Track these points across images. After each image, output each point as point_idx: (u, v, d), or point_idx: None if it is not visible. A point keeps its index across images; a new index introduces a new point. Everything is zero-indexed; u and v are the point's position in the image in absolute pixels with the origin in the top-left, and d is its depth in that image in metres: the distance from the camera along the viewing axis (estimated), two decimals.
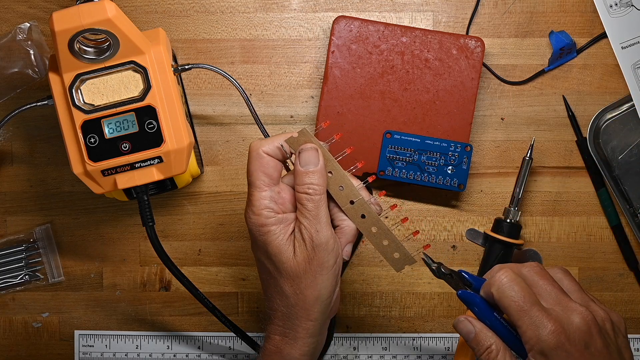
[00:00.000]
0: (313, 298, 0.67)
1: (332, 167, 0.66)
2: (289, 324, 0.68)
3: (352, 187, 0.67)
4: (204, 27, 0.84)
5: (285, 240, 0.67)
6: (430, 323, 0.84)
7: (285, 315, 0.68)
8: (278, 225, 0.67)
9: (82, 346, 0.85)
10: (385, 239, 0.68)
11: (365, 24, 0.80)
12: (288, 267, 0.67)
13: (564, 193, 0.84)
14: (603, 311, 0.63)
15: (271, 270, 0.68)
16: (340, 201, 0.67)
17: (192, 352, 0.85)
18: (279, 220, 0.67)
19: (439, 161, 0.80)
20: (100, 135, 0.71)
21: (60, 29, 0.67)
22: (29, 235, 0.84)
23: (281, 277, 0.67)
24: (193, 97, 0.84)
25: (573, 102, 0.83)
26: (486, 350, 0.64)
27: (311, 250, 0.66)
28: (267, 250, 0.67)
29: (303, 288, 0.67)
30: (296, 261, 0.66)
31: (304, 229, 0.66)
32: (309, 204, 0.66)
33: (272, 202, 0.67)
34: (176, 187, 0.79)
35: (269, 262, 0.68)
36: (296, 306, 0.67)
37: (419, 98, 0.81)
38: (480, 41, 0.80)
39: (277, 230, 0.67)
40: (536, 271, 0.64)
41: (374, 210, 0.68)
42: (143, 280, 0.85)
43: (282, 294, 0.68)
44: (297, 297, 0.67)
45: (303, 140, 0.66)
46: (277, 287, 0.68)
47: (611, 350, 0.61)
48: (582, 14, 0.83)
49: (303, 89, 0.84)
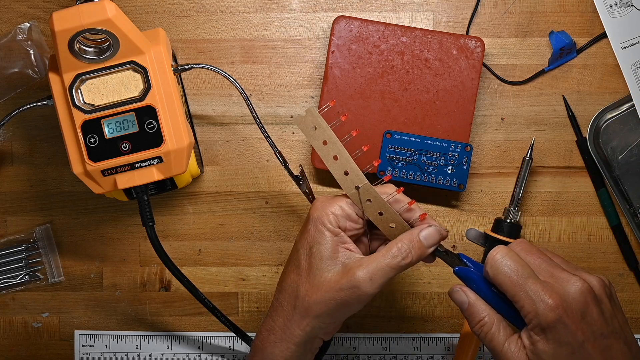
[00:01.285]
0: (315, 313, 0.67)
1: (337, 151, 0.65)
2: (281, 322, 0.68)
3: (358, 172, 0.66)
4: (204, 27, 0.84)
5: (330, 252, 0.66)
6: (430, 323, 0.84)
7: (285, 312, 0.68)
8: (333, 236, 0.67)
9: (82, 346, 0.85)
10: (392, 221, 0.68)
11: (365, 24, 0.80)
12: (317, 276, 0.66)
13: (564, 193, 0.84)
14: (594, 278, 0.63)
15: (302, 266, 0.67)
16: (345, 186, 0.67)
17: (192, 352, 0.85)
18: (337, 232, 0.67)
19: (439, 161, 0.80)
20: (100, 135, 0.71)
21: (60, 29, 0.67)
22: (29, 235, 0.84)
23: (304, 278, 0.67)
24: (193, 97, 0.84)
25: (573, 102, 0.83)
26: (479, 322, 0.64)
27: (347, 284, 0.65)
28: (312, 248, 0.67)
29: (314, 300, 0.66)
30: (326, 277, 0.66)
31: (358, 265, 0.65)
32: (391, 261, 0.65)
33: (344, 218, 0.67)
34: (176, 187, 0.79)
35: (305, 258, 0.67)
36: (298, 309, 0.67)
37: (419, 98, 0.81)
38: (480, 41, 0.80)
39: (330, 240, 0.66)
40: (523, 247, 0.65)
41: (379, 195, 0.67)
42: (143, 280, 0.85)
43: (295, 292, 0.67)
44: (304, 303, 0.67)
45: (310, 120, 0.65)
46: (295, 283, 0.68)
47: (606, 317, 0.62)
48: (582, 14, 0.83)
49: (303, 89, 0.84)
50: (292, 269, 0.69)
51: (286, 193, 0.84)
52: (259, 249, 0.84)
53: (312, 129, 0.64)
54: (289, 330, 0.68)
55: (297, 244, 0.69)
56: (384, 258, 0.65)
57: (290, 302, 0.68)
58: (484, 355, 0.84)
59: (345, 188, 0.66)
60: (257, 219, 0.84)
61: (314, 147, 0.64)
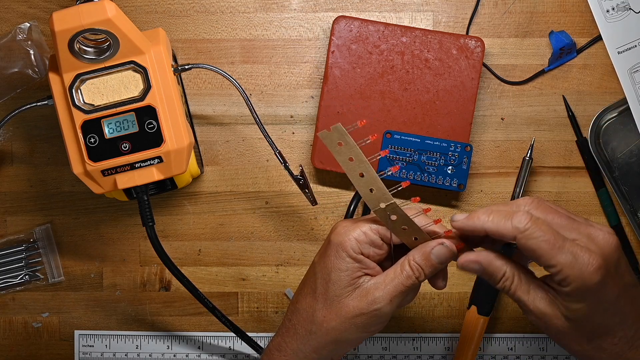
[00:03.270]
0: (334, 339, 0.66)
1: (364, 168, 0.63)
2: (295, 345, 0.67)
3: (385, 191, 0.64)
4: (204, 27, 0.84)
5: (350, 278, 0.65)
6: (430, 323, 0.84)
7: (299, 336, 0.67)
8: (354, 263, 0.65)
9: (82, 346, 0.85)
10: (416, 236, 0.66)
11: (365, 24, 0.80)
12: (336, 302, 0.65)
13: (564, 193, 0.84)
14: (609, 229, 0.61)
15: (319, 291, 0.66)
16: (371, 203, 0.65)
17: (192, 352, 0.85)
18: (359, 259, 0.65)
19: (439, 161, 0.80)
20: (100, 135, 0.71)
21: (60, 29, 0.67)
22: (29, 235, 0.84)
23: (322, 304, 0.66)
24: (193, 97, 0.84)
25: (573, 102, 0.83)
26: (501, 279, 0.62)
27: (366, 308, 0.64)
28: (331, 274, 0.65)
29: (333, 327, 0.65)
30: (345, 303, 0.65)
31: (375, 287, 0.64)
32: (406, 281, 0.64)
33: (368, 244, 0.65)
34: (176, 187, 0.79)
35: (322, 283, 0.66)
36: (315, 334, 0.66)
37: (419, 98, 0.81)
38: (480, 41, 0.80)
39: (351, 266, 0.65)
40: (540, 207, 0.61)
41: (404, 213, 0.65)
42: (143, 280, 0.85)
43: (311, 318, 0.66)
44: (321, 329, 0.66)
45: (337, 137, 0.63)
46: (311, 308, 0.66)
47: (629, 268, 0.61)
48: (582, 14, 0.83)
49: (303, 89, 0.84)
50: (308, 292, 0.67)
51: (286, 193, 0.84)
52: (259, 249, 0.84)
53: (338, 145, 0.63)
54: (302, 354, 0.67)
55: (315, 267, 0.67)
56: (400, 277, 0.64)
57: (305, 326, 0.67)
58: (484, 355, 0.84)
59: (370, 205, 0.65)
60: (257, 219, 0.84)
61: (339, 162, 0.63)
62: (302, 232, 0.84)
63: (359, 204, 0.82)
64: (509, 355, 0.84)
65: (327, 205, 0.84)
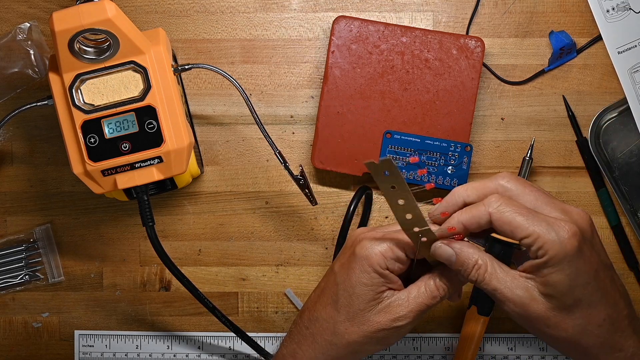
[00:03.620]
0: (355, 350, 0.66)
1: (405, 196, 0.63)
2: (312, 354, 0.67)
3: (421, 218, 0.64)
4: (204, 27, 0.84)
5: (375, 293, 0.65)
6: (430, 323, 0.84)
7: (317, 346, 0.67)
8: (379, 278, 0.65)
9: (82, 346, 0.85)
10: None
11: (365, 24, 0.80)
12: (359, 315, 0.65)
13: (564, 193, 0.84)
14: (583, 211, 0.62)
15: (341, 303, 0.66)
16: (405, 227, 0.64)
17: (192, 352, 0.85)
18: (385, 275, 0.65)
19: (439, 161, 0.80)
20: (100, 135, 0.71)
21: (60, 29, 0.67)
22: (29, 235, 0.84)
23: (344, 316, 0.66)
24: (193, 97, 0.84)
25: (573, 102, 0.83)
26: (473, 267, 0.62)
27: (389, 323, 0.64)
28: (356, 288, 0.65)
29: (355, 340, 0.66)
30: (369, 318, 0.65)
31: (398, 303, 0.65)
32: (430, 300, 0.65)
33: (394, 260, 0.65)
34: (176, 187, 0.79)
35: (345, 295, 0.65)
36: (335, 345, 0.66)
37: (419, 98, 0.81)
38: (480, 41, 0.80)
39: (377, 281, 0.65)
40: (514, 183, 0.62)
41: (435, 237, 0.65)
42: (143, 280, 0.85)
43: (332, 329, 0.66)
44: (342, 340, 0.66)
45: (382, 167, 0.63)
46: (332, 319, 0.66)
47: (604, 249, 0.62)
48: (582, 14, 0.83)
49: (303, 89, 0.84)
50: (328, 302, 0.67)
51: (286, 193, 0.84)
52: (259, 249, 0.84)
53: (383, 174, 0.63)
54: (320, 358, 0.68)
55: (337, 277, 0.66)
56: (423, 296, 0.65)
57: (325, 337, 0.67)
58: (484, 355, 0.84)
59: (403, 227, 0.64)
60: (257, 219, 0.84)
61: (381, 188, 0.63)
62: (302, 232, 0.84)
63: (359, 203, 0.82)
64: (509, 355, 0.84)
65: (327, 205, 0.84)
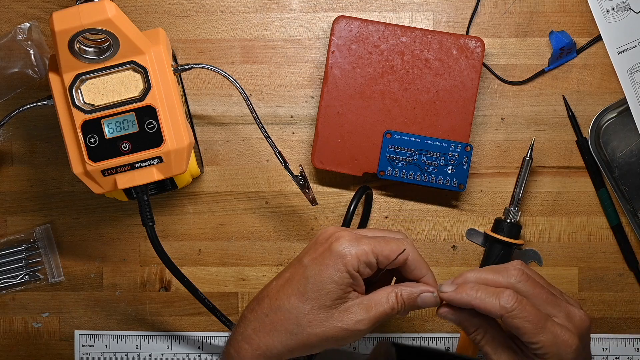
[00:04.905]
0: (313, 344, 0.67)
1: None
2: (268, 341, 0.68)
3: None
4: (204, 27, 0.84)
5: (342, 292, 0.67)
6: (430, 323, 0.84)
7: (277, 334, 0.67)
8: (350, 279, 0.67)
9: (82, 346, 0.85)
10: None
11: (365, 24, 0.80)
12: (324, 311, 0.67)
13: (564, 193, 0.84)
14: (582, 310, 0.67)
15: (308, 296, 0.67)
16: None
17: (192, 352, 0.85)
18: (356, 277, 0.67)
19: (439, 161, 0.80)
20: (100, 135, 0.71)
21: (60, 29, 0.67)
22: (29, 235, 0.84)
23: (309, 309, 0.67)
24: (193, 97, 0.84)
25: (573, 102, 0.83)
26: (474, 332, 0.67)
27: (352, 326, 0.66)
28: (326, 285, 0.66)
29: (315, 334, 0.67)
30: (332, 315, 0.66)
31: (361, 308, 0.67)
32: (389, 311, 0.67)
33: (365, 265, 0.67)
34: (176, 187, 0.79)
35: (314, 289, 0.67)
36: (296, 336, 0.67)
37: (419, 98, 0.81)
38: (480, 41, 0.80)
39: (347, 282, 0.67)
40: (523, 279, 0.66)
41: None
42: (143, 280, 0.85)
43: (295, 320, 0.67)
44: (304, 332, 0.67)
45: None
46: (297, 310, 0.67)
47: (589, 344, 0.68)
48: (582, 14, 0.83)
49: (303, 89, 0.84)
50: (293, 293, 0.68)
51: (286, 193, 0.84)
52: (259, 249, 0.84)
53: None
54: (276, 351, 0.68)
55: (307, 270, 0.67)
56: (385, 306, 0.67)
57: (286, 326, 0.67)
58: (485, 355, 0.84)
59: None
60: (257, 219, 0.84)
61: None
62: (302, 232, 0.84)
63: (359, 203, 0.82)
64: None
65: (327, 205, 0.84)
